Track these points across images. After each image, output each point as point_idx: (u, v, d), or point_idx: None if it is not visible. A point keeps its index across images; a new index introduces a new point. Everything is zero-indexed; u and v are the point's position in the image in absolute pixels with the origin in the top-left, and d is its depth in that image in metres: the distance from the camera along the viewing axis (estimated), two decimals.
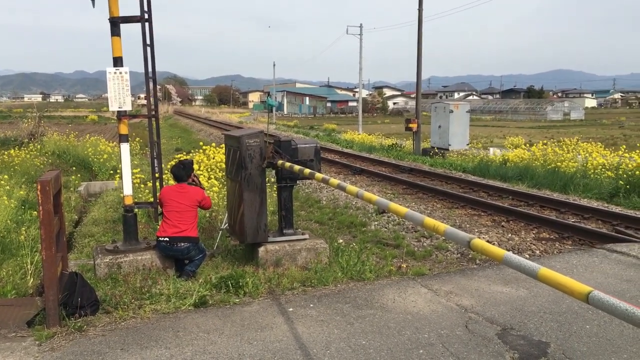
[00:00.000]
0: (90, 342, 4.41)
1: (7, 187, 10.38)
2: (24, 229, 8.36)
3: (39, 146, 19.58)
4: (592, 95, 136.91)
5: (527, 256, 7.63)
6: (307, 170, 5.60)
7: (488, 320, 4.88)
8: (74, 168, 16.60)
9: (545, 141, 18.37)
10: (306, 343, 4.40)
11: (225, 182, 8.19)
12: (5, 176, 11.12)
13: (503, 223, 9.64)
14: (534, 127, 52.59)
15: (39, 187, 4.64)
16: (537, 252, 7.90)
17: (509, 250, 2.86)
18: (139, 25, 6.31)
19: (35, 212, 9.15)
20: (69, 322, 4.72)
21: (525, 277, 5.79)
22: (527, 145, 20.39)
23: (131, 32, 6.79)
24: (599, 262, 6.71)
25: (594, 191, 12.38)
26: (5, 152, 16.37)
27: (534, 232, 9.03)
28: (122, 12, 6.23)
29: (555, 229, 9.02)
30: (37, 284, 6.37)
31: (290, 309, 5.14)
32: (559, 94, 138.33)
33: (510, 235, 8.78)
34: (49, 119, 45.83)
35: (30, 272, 6.61)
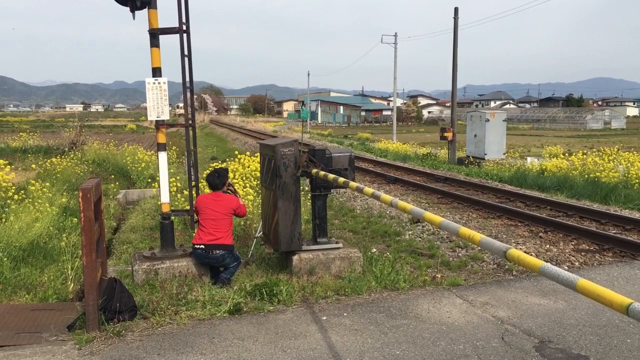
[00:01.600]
0: (128, 347, 4.50)
1: (50, 195, 10.67)
2: (65, 235, 8.58)
3: (79, 155, 20.07)
4: (634, 104, 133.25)
5: (566, 268, 7.46)
6: (342, 179, 5.61)
7: (525, 333, 4.79)
8: (112, 176, 16.97)
9: (585, 151, 17.99)
10: (340, 352, 4.40)
11: (259, 191, 8.26)
12: (48, 184, 11.43)
13: (541, 234, 9.46)
14: (573, 136, 51.52)
15: (80, 195, 4.77)
16: (576, 263, 7.72)
17: (547, 262, 2.82)
18: (176, 36, 6.44)
19: (76, 219, 9.40)
20: (107, 326, 4.83)
21: (564, 289, 5.68)
22: (566, 154, 19.98)
23: (169, 43, 6.94)
24: None
25: (635, 202, 12.04)
26: (48, 160, 16.84)
27: (573, 243, 8.83)
28: (161, 24, 6.38)
29: (595, 240, 8.80)
30: (77, 289, 6.53)
31: (324, 318, 5.15)
32: (599, 103, 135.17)
33: (548, 246, 8.61)
34: (89, 128, 47.01)
35: (70, 277, 6.78)
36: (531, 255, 6.88)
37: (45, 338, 4.73)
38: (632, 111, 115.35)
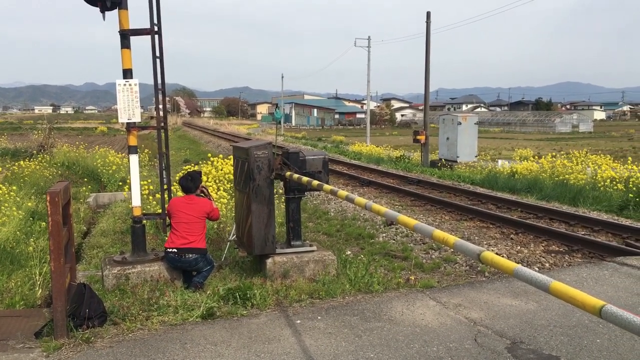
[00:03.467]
0: (97, 354, 4.40)
1: (17, 198, 10.43)
2: (32, 240, 8.39)
3: (48, 157, 19.67)
4: (601, 108, 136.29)
5: (537, 269, 7.56)
6: (316, 182, 5.60)
7: (497, 334, 4.83)
8: (83, 179, 16.67)
9: (554, 153, 18.31)
10: (314, 356, 4.38)
11: (233, 194, 8.20)
12: (15, 187, 11.18)
13: (512, 235, 9.58)
14: (542, 139, 52.43)
15: (48, 198, 4.66)
16: (547, 265, 7.84)
17: (518, 263, 2.84)
18: (148, 37, 6.35)
19: (44, 223, 9.19)
20: (76, 333, 4.72)
21: (535, 290, 5.75)
22: (536, 157, 20.31)
23: (141, 44, 6.84)
24: (609, 275, 6.65)
25: (603, 204, 12.29)
26: (15, 164, 16.47)
27: (543, 244, 8.96)
28: (132, 25, 6.29)
29: (564, 241, 8.95)
30: (46, 295, 6.38)
31: (298, 321, 5.12)
32: (568, 106, 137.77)
33: (519, 247, 8.73)
34: (59, 130, 46.19)
35: (38, 283, 6.62)
36: (503, 256, 6.96)
37: (12, 345, 4.60)
38: (599, 115, 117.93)
